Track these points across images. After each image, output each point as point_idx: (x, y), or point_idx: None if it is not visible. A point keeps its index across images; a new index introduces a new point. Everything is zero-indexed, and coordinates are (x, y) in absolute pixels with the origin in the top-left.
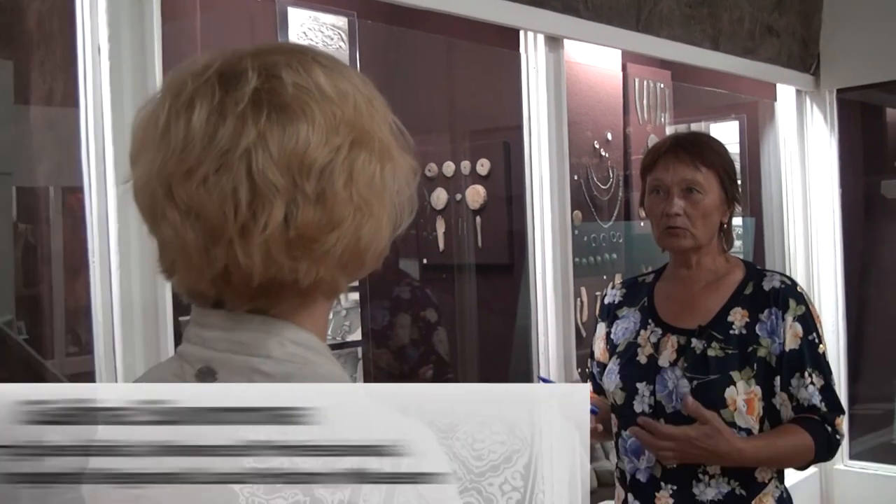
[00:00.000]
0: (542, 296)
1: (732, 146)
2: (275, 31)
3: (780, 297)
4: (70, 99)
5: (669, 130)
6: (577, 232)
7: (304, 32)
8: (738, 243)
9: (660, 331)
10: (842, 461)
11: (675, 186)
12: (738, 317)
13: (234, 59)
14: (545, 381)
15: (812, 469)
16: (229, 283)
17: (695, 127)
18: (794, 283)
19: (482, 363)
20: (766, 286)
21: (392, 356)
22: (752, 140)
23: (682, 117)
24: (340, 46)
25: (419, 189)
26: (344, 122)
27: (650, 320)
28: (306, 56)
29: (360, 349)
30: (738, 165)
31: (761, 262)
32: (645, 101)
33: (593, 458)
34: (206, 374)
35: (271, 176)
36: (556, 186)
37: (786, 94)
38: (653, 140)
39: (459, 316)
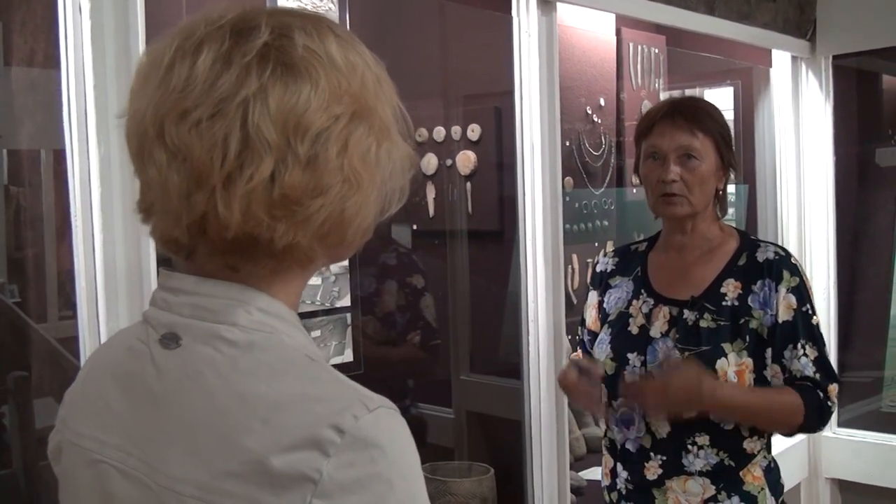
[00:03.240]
0: (531, 262)
1: (727, 112)
2: None
3: (773, 269)
4: (51, 60)
5: (664, 96)
6: (568, 198)
7: None
8: (730, 210)
9: (652, 301)
10: (830, 429)
11: (671, 153)
12: (730, 288)
13: (250, 15)
14: None
15: (800, 436)
16: (205, 232)
17: (689, 93)
18: (788, 255)
19: (472, 330)
20: (760, 257)
21: (380, 322)
22: (747, 106)
23: (676, 83)
24: (330, 8)
25: (416, 154)
26: (348, 94)
27: (643, 290)
28: (322, 24)
29: (348, 315)
30: (731, 132)
31: (754, 229)
32: (639, 67)
33: (583, 425)
34: (170, 340)
35: (265, 130)
36: (548, 152)
37: (781, 60)
38: (646, 106)
39: (449, 282)
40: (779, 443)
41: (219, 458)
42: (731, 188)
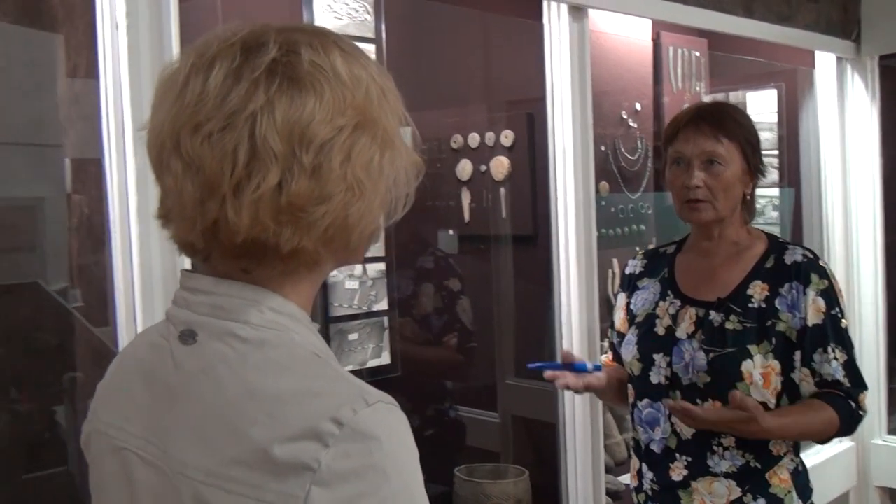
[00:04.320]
0: (564, 267)
1: (770, 115)
2: (300, 4)
3: (801, 271)
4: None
5: (707, 100)
6: (603, 203)
7: (329, 5)
8: (774, 214)
9: (678, 302)
10: (879, 436)
11: (695, 158)
12: (757, 290)
13: (260, 32)
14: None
15: (848, 443)
16: (217, 237)
17: (732, 96)
18: (817, 257)
19: (516, 334)
20: (788, 260)
21: (417, 325)
22: (791, 109)
23: (718, 86)
24: (366, 18)
25: (447, 160)
26: (352, 106)
27: (670, 292)
28: (328, 39)
29: (386, 318)
30: (775, 135)
31: (799, 233)
32: (679, 70)
33: (623, 429)
34: (188, 337)
35: (271, 141)
36: (580, 157)
37: (825, 62)
38: None
39: (493, 287)
40: (826, 450)
41: (227, 446)
42: (775, 192)
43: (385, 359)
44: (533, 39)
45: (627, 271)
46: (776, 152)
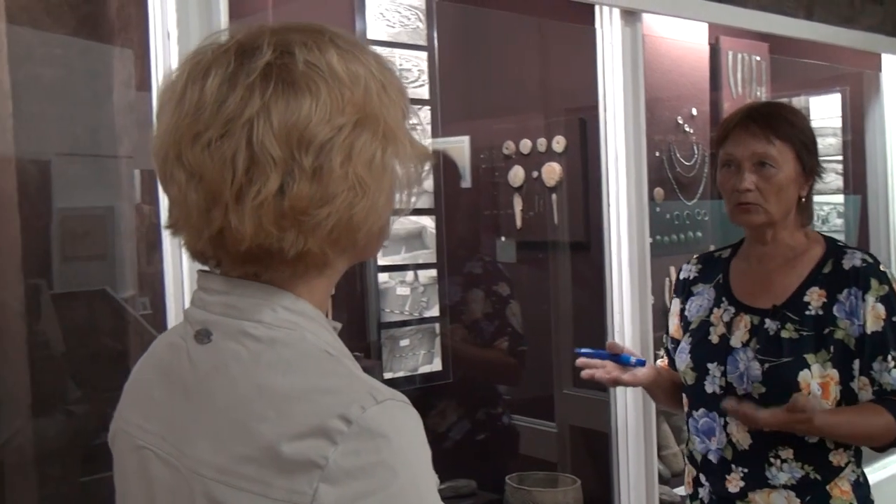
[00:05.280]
0: (617, 274)
1: (834, 120)
2: (352, 14)
3: (860, 277)
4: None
5: None
6: (658, 210)
7: (382, 13)
8: (839, 221)
9: (733, 309)
10: None
11: (745, 161)
12: (814, 297)
13: (255, 35)
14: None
15: None
16: (223, 245)
17: (795, 101)
18: (877, 262)
19: (563, 343)
20: (846, 264)
21: (467, 330)
22: (856, 113)
23: (780, 91)
24: (418, 26)
25: (503, 166)
26: (351, 103)
27: (724, 298)
28: (323, 37)
29: (437, 325)
30: (840, 140)
31: (865, 240)
32: (739, 75)
33: (681, 440)
34: (203, 336)
35: (269, 146)
36: (633, 163)
37: (891, 64)
38: None
39: (538, 294)
40: (889, 464)
41: (237, 444)
42: (839, 199)
43: (436, 365)
44: (585, 44)
45: (682, 276)
46: (840, 158)
